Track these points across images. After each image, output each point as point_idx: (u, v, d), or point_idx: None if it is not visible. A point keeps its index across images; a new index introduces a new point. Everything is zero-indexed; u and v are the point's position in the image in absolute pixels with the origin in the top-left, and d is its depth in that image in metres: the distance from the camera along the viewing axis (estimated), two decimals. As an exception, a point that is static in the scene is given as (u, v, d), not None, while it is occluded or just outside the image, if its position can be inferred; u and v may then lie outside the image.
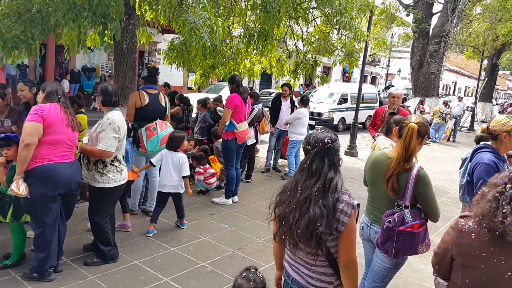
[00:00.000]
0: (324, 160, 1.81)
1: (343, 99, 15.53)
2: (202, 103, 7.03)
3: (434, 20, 16.17)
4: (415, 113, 15.01)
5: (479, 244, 1.65)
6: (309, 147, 1.84)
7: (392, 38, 22.42)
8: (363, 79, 10.90)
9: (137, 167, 4.77)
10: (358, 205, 1.82)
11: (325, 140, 1.81)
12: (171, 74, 13.79)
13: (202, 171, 5.97)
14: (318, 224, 1.73)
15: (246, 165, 6.99)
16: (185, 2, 4.99)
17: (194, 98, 8.72)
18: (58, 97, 3.21)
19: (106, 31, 4.46)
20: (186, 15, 4.42)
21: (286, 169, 7.78)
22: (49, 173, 3.09)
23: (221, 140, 5.94)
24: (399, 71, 43.29)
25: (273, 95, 17.82)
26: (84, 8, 4.06)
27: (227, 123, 5.42)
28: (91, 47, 6.91)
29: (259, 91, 22.77)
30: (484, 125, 2.91)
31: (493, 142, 2.85)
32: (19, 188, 2.97)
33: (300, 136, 7.18)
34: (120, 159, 3.66)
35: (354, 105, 15.16)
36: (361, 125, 16.69)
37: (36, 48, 4.86)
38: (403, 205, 2.43)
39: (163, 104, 4.87)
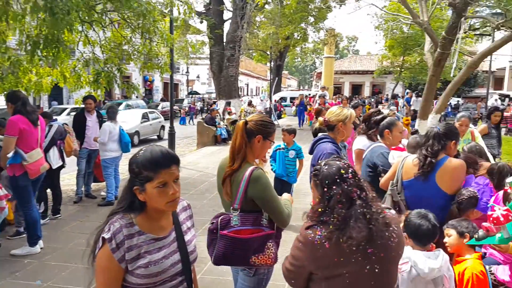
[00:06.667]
0: None
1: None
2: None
3: (227, 26, 17.22)
4: (223, 114, 15.73)
5: (336, 250, 1.58)
6: None
7: (189, 44, 23.03)
8: (173, 87, 10.63)
9: None
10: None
11: None
12: None
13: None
14: None
15: (47, 197, 5.70)
16: None
17: None
18: None
19: None
20: None
21: (102, 193, 6.75)
22: None
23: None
24: (198, 76, 45.37)
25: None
26: None
27: (10, 155, 4.21)
28: None
29: (49, 108, 19.97)
30: (321, 118, 2.93)
31: (330, 132, 2.90)
32: None
33: (112, 153, 6.33)
34: None
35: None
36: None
37: None
38: (231, 208, 2.19)
39: None
